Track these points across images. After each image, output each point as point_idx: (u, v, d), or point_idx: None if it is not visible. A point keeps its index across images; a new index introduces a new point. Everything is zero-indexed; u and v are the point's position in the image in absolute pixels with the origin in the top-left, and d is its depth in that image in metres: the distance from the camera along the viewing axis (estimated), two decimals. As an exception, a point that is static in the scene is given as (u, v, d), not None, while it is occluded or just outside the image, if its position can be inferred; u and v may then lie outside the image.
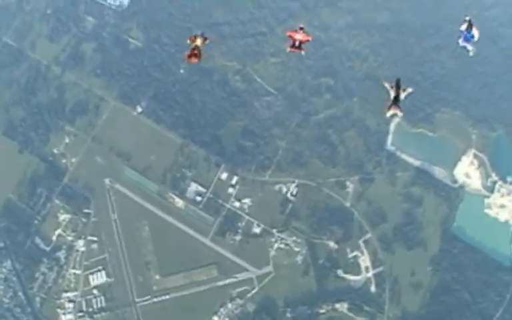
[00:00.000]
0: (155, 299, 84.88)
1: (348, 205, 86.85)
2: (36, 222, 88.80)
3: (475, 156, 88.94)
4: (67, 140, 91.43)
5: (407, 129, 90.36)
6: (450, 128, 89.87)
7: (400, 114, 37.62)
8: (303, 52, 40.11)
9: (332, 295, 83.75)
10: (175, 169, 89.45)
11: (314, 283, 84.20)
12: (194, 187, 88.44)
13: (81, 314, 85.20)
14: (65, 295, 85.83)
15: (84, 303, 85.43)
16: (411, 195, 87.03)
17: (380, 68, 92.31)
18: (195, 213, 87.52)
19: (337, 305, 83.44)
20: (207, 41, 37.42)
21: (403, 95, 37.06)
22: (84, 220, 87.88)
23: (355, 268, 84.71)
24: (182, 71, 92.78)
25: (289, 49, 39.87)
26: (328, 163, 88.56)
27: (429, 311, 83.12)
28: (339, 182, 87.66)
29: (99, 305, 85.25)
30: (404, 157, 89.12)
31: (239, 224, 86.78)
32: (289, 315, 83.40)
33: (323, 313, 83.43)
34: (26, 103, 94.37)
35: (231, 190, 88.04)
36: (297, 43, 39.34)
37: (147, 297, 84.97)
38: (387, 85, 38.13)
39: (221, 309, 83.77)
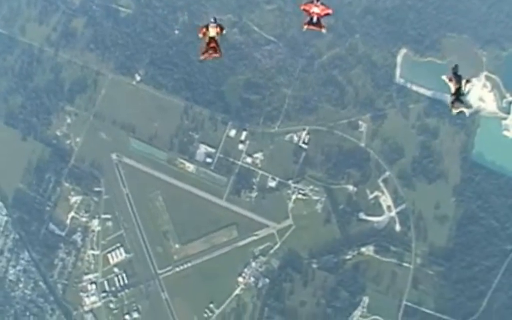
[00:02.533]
0: (177, 269, 72.80)
1: (363, 145, 74.68)
2: (48, 208, 75.93)
3: (487, 78, 77.30)
4: (68, 120, 77.68)
5: (414, 59, 77.98)
6: (459, 52, 77.23)
7: (467, 111, 26.03)
8: (323, 30, 27.27)
9: (356, 239, 72.53)
10: (181, 133, 76.04)
11: (337, 229, 72.77)
12: (203, 148, 75.27)
13: (104, 294, 73.07)
14: (86, 277, 73.65)
15: (106, 283, 73.24)
16: (425, 126, 74.90)
17: (379, 0, 78.03)
18: (206, 175, 74.67)
19: (363, 249, 72.33)
20: (224, 31, 26.29)
21: (466, 87, 25.37)
22: (96, 199, 75.02)
23: (376, 209, 73.41)
24: (177, 32, 78.43)
25: (306, 27, 27.13)
26: (337, 105, 75.75)
27: (457, 243, 72.51)
28: (350, 123, 75.16)
29: (122, 283, 73.00)
30: (414, 88, 76.71)
31: (253, 180, 74.40)
32: (314, 265, 71.86)
33: (350, 259, 72.04)
34: (23, 89, 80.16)
35: (241, 146, 75.10)
36: (314, 19, 26.63)
37: (169, 268, 72.83)
38: (444, 77, 26.24)
39: (245, 269, 71.97)
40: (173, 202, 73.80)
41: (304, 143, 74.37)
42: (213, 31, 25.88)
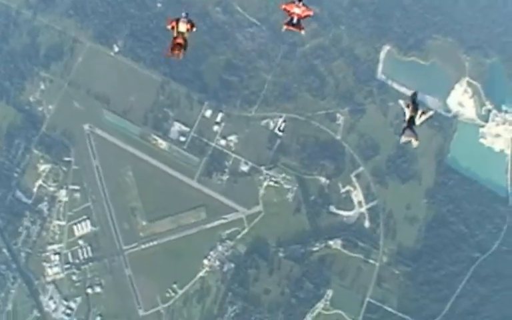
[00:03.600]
0: (143, 246, 67.79)
1: (339, 138, 70.14)
2: (16, 175, 69.97)
3: (469, 84, 73.53)
4: (42, 86, 71.36)
5: (397, 57, 73.51)
6: (442, 55, 73.62)
7: (415, 143, 24.33)
8: (302, 31, 26.21)
9: (325, 232, 68.30)
10: (156, 109, 70.47)
11: (306, 220, 68.51)
12: (177, 126, 69.95)
13: (67, 266, 67.67)
14: (50, 247, 68.10)
15: (70, 255, 67.82)
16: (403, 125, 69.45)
17: (367, -6, 73.43)
18: (179, 154, 69.48)
19: (331, 242, 68.17)
20: (194, 29, 23.84)
21: (420, 120, 24.14)
22: (65, 169, 69.26)
23: (347, 203, 69.25)
24: (159, 5, 72.12)
25: (285, 28, 25.88)
26: (316, 95, 70.85)
27: (425, 245, 68.92)
28: (328, 114, 70.42)
29: (86, 256, 67.78)
30: (395, 86, 72.35)
31: (226, 163, 69.46)
32: (281, 254, 67.58)
33: (317, 251, 67.90)
34: None
35: (215, 127, 69.95)
36: (294, 19, 25.32)
37: (134, 244, 67.78)
38: (401, 102, 25.10)
39: (211, 252, 67.38)
40: (143, 178, 68.43)
41: (280, 130, 69.44)
42: (182, 27, 23.44)
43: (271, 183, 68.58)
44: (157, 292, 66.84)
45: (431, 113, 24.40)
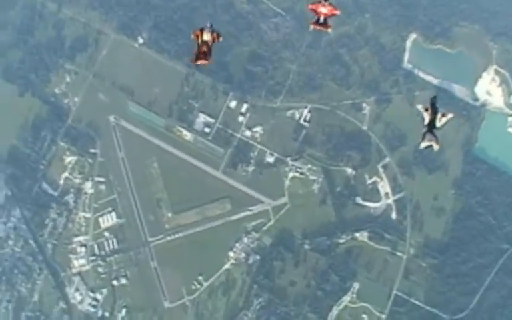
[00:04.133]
0: (168, 238, 66.25)
1: (365, 128, 67.50)
2: (42, 167, 68.83)
3: (497, 72, 70.05)
4: (67, 79, 69.98)
5: (424, 46, 70.26)
6: (469, 43, 70.22)
7: (436, 146, 22.76)
8: (329, 29, 25.94)
9: (351, 224, 65.87)
10: (181, 100, 68.58)
11: (332, 212, 66.07)
12: (202, 118, 67.97)
13: (93, 258, 66.57)
14: (76, 239, 67.00)
15: (96, 247, 66.69)
16: (430, 115, 66.71)
17: (393, -19, 70.48)
18: (204, 146, 67.55)
19: (357, 234, 65.72)
20: (220, 39, 23.29)
21: (440, 122, 22.90)
22: (90, 161, 67.93)
23: (374, 194, 66.58)
24: (183, -3, 70.67)
25: (312, 27, 25.75)
26: (342, 85, 68.26)
27: (453, 237, 65.95)
28: (354, 104, 67.85)
29: (111, 247, 66.49)
30: (422, 75, 69.24)
31: (251, 154, 67.30)
32: (307, 246, 65.32)
33: (343, 243, 65.46)
34: (23, 44, 72.04)
35: (241, 118, 67.77)
36: (321, 19, 25.13)
37: (160, 236, 66.26)
38: (420, 107, 23.95)
39: (237, 244, 65.46)
40: (168, 170, 66.80)
41: (305, 120, 67.08)
42: (206, 36, 23.17)
43: (297, 174, 66.34)
44: (183, 284, 65.20)
45: (450, 115, 22.87)
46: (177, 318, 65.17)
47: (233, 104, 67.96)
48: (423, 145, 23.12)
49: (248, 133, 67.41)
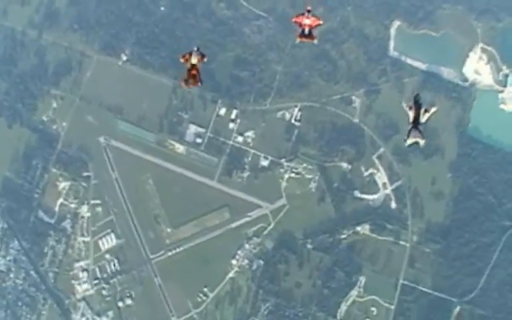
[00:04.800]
0: (170, 253, 64.88)
1: (356, 121, 66.26)
2: (36, 195, 67.27)
3: (483, 50, 68.58)
4: (54, 104, 68.32)
5: (408, 32, 68.96)
6: (453, 24, 68.64)
7: (422, 141, 23.94)
8: (315, 40, 27.05)
9: (351, 218, 64.67)
10: (170, 113, 67.16)
11: (331, 208, 64.87)
12: (193, 128, 66.59)
13: (96, 281, 65.15)
14: (77, 264, 65.58)
15: (98, 270, 65.25)
16: (421, 100, 65.62)
17: (371, -29, 69.30)
18: (197, 156, 66.23)
19: (358, 228, 64.53)
20: (205, 59, 25.35)
21: (425, 117, 23.75)
22: (84, 184, 66.42)
23: (372, 186, 65.39)
24: (162, 9, 68.35)
25: (298, 40, 27.20)
26: (330, 80, 66.84)
27: (454, 220, 64.65)
28: (343, 98, 66.43)
29: (113, 269, 65.09)
30: (409, 61, 68.02)
31: (245, 159, 66.03)
32: (309, 246, 64.14)
33: (345, 239, 64.30)
34: (7, 75, 70.34)
35: (231, 125, 66.44)
36: (306, 30, 26.37)
37: (161, 252, 64.92)
38: (404, 105, 24.86)
39: (239, 251, 64.21)
40: (163, 185, 65.38)
41: (296, 120, 65.80)
42: (194, 59, 24.72)
43: (293, 175, 65.09)
44: (188, 298, 64.02)
45: (434, 109, 23.77)
46: (185, 332, 64.20)
47: (223, 111, 66.53)
48: (409, 141, 23.89)
49: (240, 139, 66.05)
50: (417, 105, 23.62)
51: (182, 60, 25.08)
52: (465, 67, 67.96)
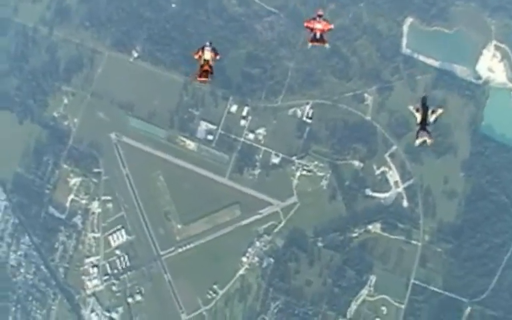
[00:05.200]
0: (180, 249, 64.47)
1: (369, 118, 65.48)
2: (47, 191, 67.08)
3: (497, 48, 67.54)
4: (65, 101, 68.19)
5: (421, 29, 68.06)
6: (467, 21, 67.60)
7: (430, 141, 25.16)
8: (327, 44, 27.79)
9: (363, 216, 63.96)
10: (181, 110, 66.73)
11: (342, 206, 64.17)
12: (204, 125, 66.15)
13: (106, 277, 64.89)
14: (87, 260, 65.36)
15: (108, 266, 65.01)
16: (433, 98, 64.36)
17: (383, -33, 68.35)
18: (208, 153, 65.80)
19: (370, 226, 63.79)
20: (218, 57, 25.56)
21: (432, 118, 24.97)
22: (95, 180, 66.21)
23: (383, 184, 64.59)
24: (174, 5, 68.06)
25: (310, 44, 27.77)
26: (342, 77, 66.10)
27: (466, 219, 63.74)
28: (356, 95, 65.71)
29: (124, 265, 64.80)
30: (422, 58, 67.12)
31: (256, 157, 65.46)
32: (320, 244, 63.47)
33: (356, 237, 63.60)
34: (19, 71, 70.19)
35: (242, 122, 65.88)
36: (317, 35, 27.07)
37: (171, 249, 64.54)
38: (411, 108, 26.25)
39: (249, 249, 63.72)
40: (174, 181, 65.01)
41: (308, 117, 65.10)
42: (207, 54, 24.84)
43: (304, 172, 64.45)
44: (198, 294, 63.63)
45: (440, 110, 24.89)
46: (194, 329, 63.84)
47: (234, 108, 66.05)
48: (418, 142, 25.22)
49: (251, 136, 65.52)
50: (424, 107, 24.79)
51: (195, 56, 25.24)
52: (478, 65, 66.94)
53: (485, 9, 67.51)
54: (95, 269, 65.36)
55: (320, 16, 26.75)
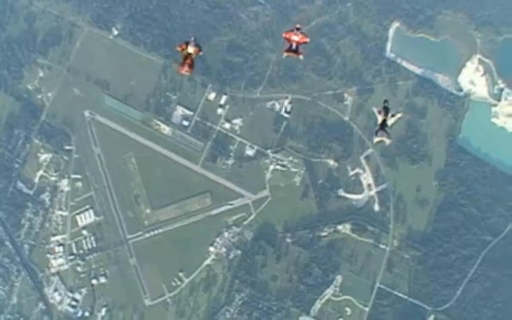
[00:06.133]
0: (148, 234, 63.25)
1: (347, 118, 64.64)
2: (16, 166, 65.19)
3: (480, 62, 67.25)
4: (41, 74, 66.05)
5: (407, 34, 67.29)
6: (453, 32, 67.24)
7: (388, 141, 26.57)
8: (301, 56, 27.96)
9: (333, 216, 63.33)
10: (158, 93, 65.03)
11: (314, 204, 63.51)
12: (180, 110, 64.60)
13: (71, 257, 63.41)
14: (53, 238, 63.70)
15: (74, 245, 63.48)
16: (413, 105, 64.90)
17: (374, -31, 67.12)
18: (182, 139, 64.33)
19: (340, 227, 63.23)
20: (200, 53, 25.96)
21: (391, 121, 26.28)
22: (66, 158, 64.35)
23: (356, 186, 64.02)
24: (158, -15, 66.93)
25: (285, 54, 27.93)
26: (323, 75, 65.05)
27: (436, 228, 63.69)
28: (336, 95, 64.78)
29: (90, 246, 63.38)
30: (405, 64, 66.41)
31: (231, 147, 64.27)
32: (288, 240, 62.78)
33: (325, 236, 62.96)
34: None
35: (219, 111, 64.51)
36: (293, 46, 27.38)
37: (139, 233, 63.25)
38: (374, 109, 27.51)
39: (217, 239, 62.74)
40: (146, 165, 63.53)
41: (286, 111, 64.02)
42: (191, 49, 25.33)
43: (278, 167, 63.42)
44: (163, 281, 62.48)
45: (399, 115, 26.22)
46: (157, 315, 62.39)
47: (212, 96, 64.57)
48: (376, 140, 26.30)
49: (227, 126, 64.21)
50: (385, 110, 25.87)
51: (179, 48, 25.52)
52: (460, 76, 66.44)
53: (472, 22, 66.98)
54: (61, 248, 63.81)
55: (298, 29, 27.01)
